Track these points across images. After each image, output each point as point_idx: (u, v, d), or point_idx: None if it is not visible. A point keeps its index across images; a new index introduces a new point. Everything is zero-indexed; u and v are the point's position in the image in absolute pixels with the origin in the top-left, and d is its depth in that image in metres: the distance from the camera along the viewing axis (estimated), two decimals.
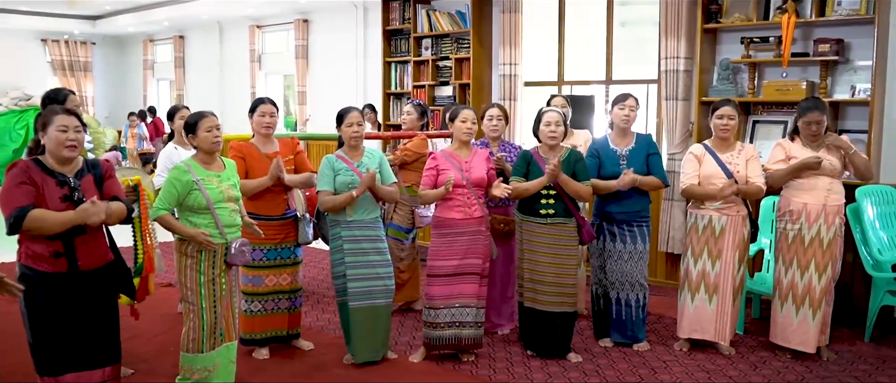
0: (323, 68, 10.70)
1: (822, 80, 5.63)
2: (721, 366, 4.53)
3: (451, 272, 4.47)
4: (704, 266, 4.70)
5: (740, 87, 6.02)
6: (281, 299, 4.60)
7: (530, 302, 4.62)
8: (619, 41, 7.09)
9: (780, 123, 5.84)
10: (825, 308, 4.61)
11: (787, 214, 4.65)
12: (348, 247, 4.37)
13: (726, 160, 4.65)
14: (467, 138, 4.53)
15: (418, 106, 5.83)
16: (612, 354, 4.73)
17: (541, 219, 4.54)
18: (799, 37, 5.75)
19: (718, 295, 4.68)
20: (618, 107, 4.78)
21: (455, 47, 7.90)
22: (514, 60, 7.27)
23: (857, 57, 5.59)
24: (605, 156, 4.76)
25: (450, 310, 4.48)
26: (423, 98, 8.05)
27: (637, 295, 4.76)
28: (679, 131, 6.14)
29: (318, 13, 10.72)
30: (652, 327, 5.25)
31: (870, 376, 4.41)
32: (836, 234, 4.56)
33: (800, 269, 4.60)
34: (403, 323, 5.38)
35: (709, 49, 6.13)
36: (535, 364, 4.54)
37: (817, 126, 4.52)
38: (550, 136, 4.56)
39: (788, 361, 4.63)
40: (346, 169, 4.37)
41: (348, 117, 4.44)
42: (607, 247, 4.77)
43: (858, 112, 5.49)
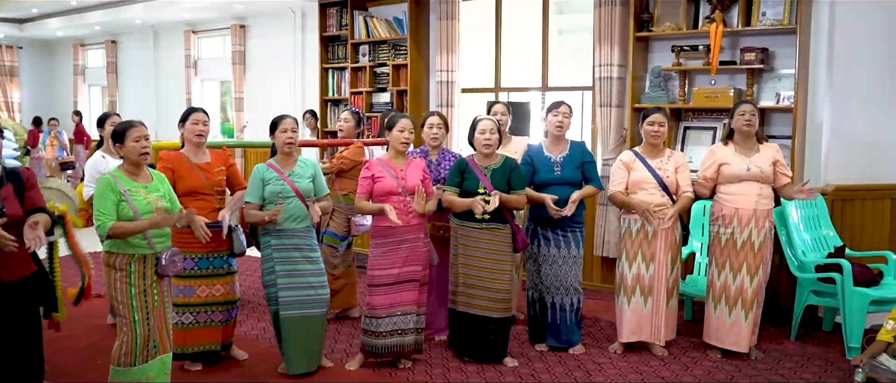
0: (260, 74, 10.57)
1: (748, 87, 5.80)
2: (654, 367, 4.62)
3: (391, 280, 4.45)
4: (639, 269, 4.78)
5: (671, 94, 6.16)
6: (214, 311, 4.49)
7: (464, 307, 4.64)
8: (556, 49, 7.19)
9: (710, 129, 5.99)
10: (756, 309, 4.74)
11: (719, 218, 4.77)
12: (278, 255, 4.31)
13: (656, 166, 4.75)
14: (403, 148, 4.53)
15: (355, 113, 5.80)
16: (548, 358, 4.78)
17: (476, 224, 4.56)
18: (727, 45, 5.91)
19: (653, 297, 4.77)
20: (551, 115, 4.85)
21: (392, 54, 7.90)
22: (452, 67, 7.31)
23: (782, 65, 5.77)
24: (539, 163, 4.81)
25: (392, 319, 4.46)
26: (361, 104, 8.02)
27: (572, 299, 4.82)
28: (613, 137, 6.25)
29: (255, 19, 10.59)
30: (587, 330, 5.32)
31: (795, 373, 4.55)
32: (766, 238, 4.70)
33: (732, 272, 4.73)
34: (339, 330, 5.34)
35: (641, 57, 6.26)
36: (472, 369, 4.56)
37: (751, 117, 4.66)
38: (485, 144, 4.59)
39: (719, 361, 4.75)
40: (276, 178, 4.31)
41: (282, 124, 4.38)
42: (542, 252, 4.82)
43: (783, 118, 5.67)
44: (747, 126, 4.68)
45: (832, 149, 5.63)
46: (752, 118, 4.67)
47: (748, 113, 4.68)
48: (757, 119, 4.71)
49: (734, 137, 4.78)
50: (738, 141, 4.75)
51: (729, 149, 4.77)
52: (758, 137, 4.77)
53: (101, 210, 3.60)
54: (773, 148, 4.77)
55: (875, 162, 5.76)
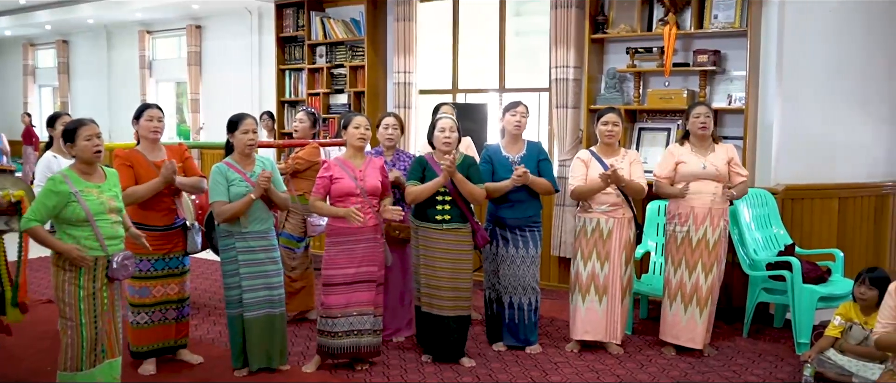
0: (217, 75, 10.44)
1: (701, 88, 5.90)
2: (609, 366, 4.66)
3: (347, 280, 4.43)
4: (593, 268, 4.82)
5: (626, 96, 6.24)
6: (168, 309, 4.46)
7: (427, 308, 4.64)
8: (513, 51, 7.22)
9: (664, 130, 6.07)
10: (711, 306, 4.82)
11: (675, 217, 4.83)
12: (243, 258, 4.27)
13: (611, 164, 4.80)
14: (361, 145, 4.51)
15: (310, 114, 5.76)
16: (505, 358, 4.79)
17: (437, 224, 4.56)
18: (680, 48, 6.00)
19: (608, 296, 4.82)
20: (509, 114, 4.87)
21: (349, 55, 7.87)
22: (409, 68, 7.30)
23: (733, 67, 5.88)
24: (497, 163, 4.83)
25: (347, 319, 4.44)
26: (318, 106, 7.97)
27: (529, 298, 4.85)
28: (569, 138, 6.30)
29: (211, 19, 10.46)
30: (544, 330, 5.36)
31: (747, 369, 4.63)
32: (721, 236, 4.77)
33: (688, 269, 4.79)
34: (297, 332, 5.30)
35: (596, 59, 6.32)
36: (430, 370, 4.56)
37: (706, 119, 4.73)
38: (445, 143, 4.60)
39: (673, 358, 4.81)
40: (239, 179, 4.26)
41: (243, 124, 4.33)
42: (500, 252, 4.84)
43: (735, 119, 5.77)
44: (702, 128, 4.76)
45: (782, 149, 5.75)
46: (706, 120, 4.75)
47: (703, 114, 4.75)
48: (711, 120, 4.78)
49: (690, 138, 4.85)
50: (694, 142, 4.83)
51: (685, 148, 4.84)
52: (713, 138, 4.85)
53: (35, 208, 3.56)
54: (728, 148, 4.85)
55: (823, 162, 5.91)
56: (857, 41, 6.01)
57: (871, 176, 6.15)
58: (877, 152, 6.23)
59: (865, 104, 6.13)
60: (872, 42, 6.11)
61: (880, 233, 6.23)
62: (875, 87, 6.17)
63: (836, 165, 5.96)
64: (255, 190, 4.22)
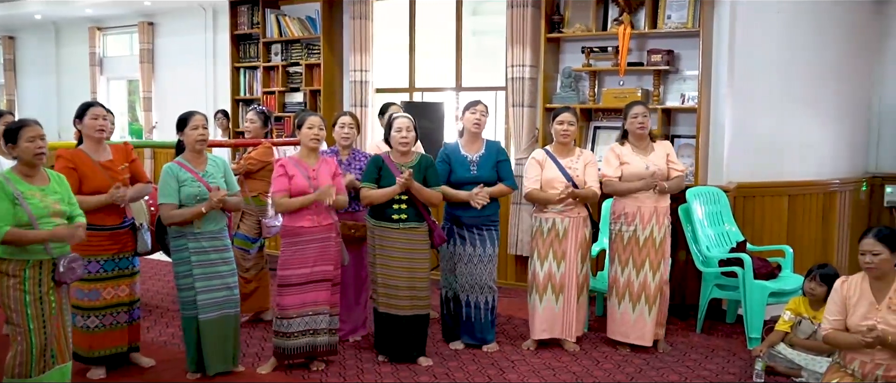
0: (170, 73, 10.26)
1: (655, 88, 5.97)
2: (565, 363, 4.70)
3: (302, 280, 4.39)
4: (550, 267, 4.85)
5: (582, 95, 6.28)
6: (119, 312, 4.36)
7: (385, 308, 4.61)
8: (470, 50, 7.23)
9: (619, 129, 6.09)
10: (661, 303, 4.88)
11: (622, 217, 4.88)
12: (196, 258, 4.20)
13: (566, 165, 4.83)
14: (315, 145, 4.47)
15: (261, 113, 5.69)
16: (462, 356, 4.80)
17: (394, 224, 4.55)
18: (634, 47, 6.06)
19: (564, 294, 4.85)
20: (469, 113, 4.87)
21: (305, 53, 7.80)
22: (365, 67, 7.26)
23: (686, 66, 5.95)
24: (455, 162, 4.83)
25: (303, 319, 4.40)
26: (273, 104, 7.89)
27: (486, 297, 4.85)
28: (525, 137, 6.33)
29: (164, 16, 10.27)
30: (501, 328, 5.37)
31: (700, 364, 4.70)
32: (667, 234, 4.84)
33: (635, 268, 4.85)
34: (252, 333, 5.24)
35: (552, 58, 6.36)
36: (386, 369, 4.54)
37: (644, 118, 4.78)
38: (401, 142, 4.58)
39: (628, 354, 4.87)
40: (191, 179, 4.19)
41: (192, 120, 4.26)
42: (457, 251, 4.84)
43: (688, 118, 5.86)
44: (640, 128, 4.82)
45: (734, 148, 5.84)
46: (644, 119, 4.81)
47: (640, 114, 4.81)
48: (649, 120, 4.84)
49: (629, 138, 4.91)
50: (633, 141, 4.88)
51: (626, 148, 4.90)
52: (651, 136, 4.91)
53: None
54: (665, 145, 4.94)
55: (774, 160, 6.02)
56: (805, 42, 6.13)
57: (819, 174, 6.28)
58: (824, 151, 6.37)
59: (814, 104, 6.26)
60: (820, 43, 6.25)
61: (828, 229, 6.37)
62: (823, 87, 6.31)
63: (786, 164, 6.08)
64: (207, 205, 4.14)
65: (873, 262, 3.61)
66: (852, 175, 6.75)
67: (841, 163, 6.58)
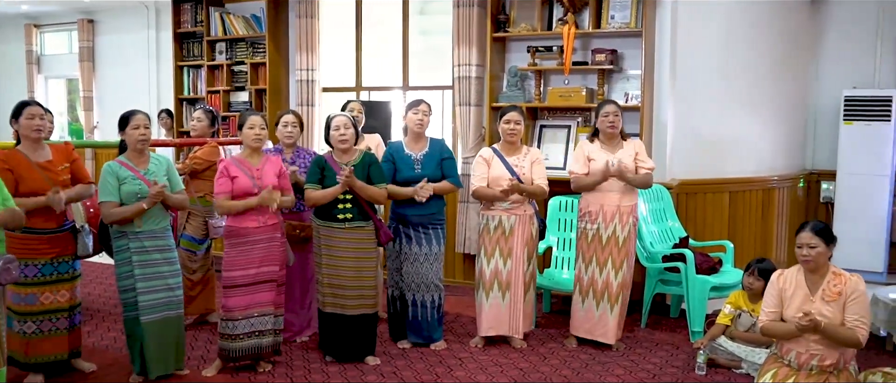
0: (112, 72, 10.03)
1: (599, 87, 6.06)
2: (513, 359, 4.74)
3: (247, 282, 4.35)
4: (497, 264, 4.89)
5: (528, 94, 6.34)
6: (59, 318, 4.23)
7: (332, 308, 4.60)
8: (417, 49, 7.24)
9: (564, 127, 6.21)
10: (622, 302, 4.94)
11: (586, 215, 4.93)
12: (137, 258, 4.12)
13: (513, 163, 4.87)
14: (257, 145, 4.43)
15: (208, 112, 5.62)
16: (410, 355, 4.81)
17: (339, 223, 4.53)
18: (579, 47, 6.14)
19: (511, 291, 4.89)
20: (412, 113, 4.88)
21: (250, 52, 7.72)
22: (312, 66, 7.21)
23: (630, 66, 6.05)
24: (399, 161, 4.83)
25: (249, 321, 4.37)
26: (219, 104, 7.79)
27: (433, 296, 4.87)
28: (472, 136, 6.36)
29: (105, 13, 10.05)
30: (449, 326, 5.40)
31: (644, 358, 4.79)
32: (631, 233, 4.89)
33: (599, 266, 4.90)
34: (197, 336, 5.17)
35: (498, 57, 6.40)
36: (333, 369, 4.53)
37: (614, 117, 4.84)
38: (340, 141, 4.57)
39: (574, 349, 4.93)
40: (131, 177, 4.12)
41: (134, 119, 4.18)
42: (404, 250, 4.85)
43: (631, 117, 5.93)
44: (610, 128, 4.87)
45: (676, 146, 5.96)
46: (614, 119, 4.86)
47: (611, 113, 4.87)
48: (619, 119, 4.89)
49: (599, 136, 4.97)
50: (603, 139, 4.94)
51: (595, 146, 4.95)
52: (622, 135, 4.98)
53: None
54: (635, 143, 4.98)
55: (715, 158, 6.17)
56: (743, 42, 6.30)
57: (758, 171, 6.46)
58: (763, 148, 6.55)
59: (753, 103, 6.44)
60: (758, 44, 6.42)
61: (767, 224, 6.56)
62: (761, 86, 6.49)
63: (727, 161, 6.24)
64: (147, 200, 4.07)
65: (810, 255, 3.73)
66: (790, 172, 6.97)
67: (779, 160, 6.78)
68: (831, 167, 7.13)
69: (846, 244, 6.48)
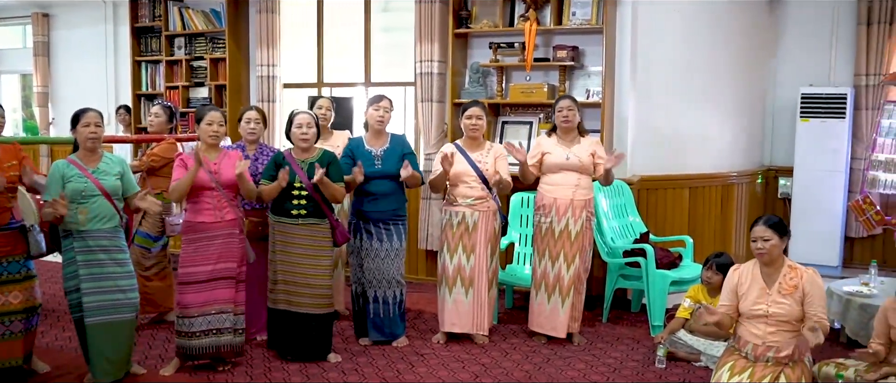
0: (67, 67, 9.85)
1: (561, 83, 6.09)
2: (475, 355, 4.75)
3: (204, 278, 4.30)
4: (460, 260, 4.89)
5: (490, 90, 6.36)
6: (13, 321, 4.09)
7: (284, 305, 4.56)
8: (380, 45, 7.21)
9: (526, 123, 6.23)
10: (575, 296, 4.97)
11: (541, 208, 4.97)
12: (82, 258, 4.03)
13: (476, 159, 4.88)
14: (213, 142, 4.38)
15: (166, 108, 5.54)
16: (371, 352, 4.79)
17: (293, 219, 4.50)
18: (541, 43, 6.17)
19: (474, 287, 4.90)
20: (372, 109, 4.86)
21: (210, 47, 7.63)
22: (273, 62, 7.15)
23: (591, 62, 6.10)
24: (359, 156, 4.81)
25: (205, 318, 4.31)
26: (177, 99, 7.69)
27: (394, 292, 4.86)
28: (435, 132, 6.36)
29: (60, 7, 9.85)
30: (412, 323, 5.39)
31: (605, 352, 4.83)
32: (585, 227, 4.92)
33: (551, 260, 4.93)
34: (155, 335, 5.10)
35: (460, 53, 6.41)
36: (294, 367, 4.49)
37: (568, 112, 4.88)
38: (302, 139, 4.53)
39: (537, 345, 4.96)
40: (78, 175, 4.03)
41: (85, 117, 4.10)
42: (364, 246, 4.83)
43: (592, 113, 5.98)
44: (565, 122, 4.90)
45: (637, 142, 6.02)
46: (569, 113, 4.89)
47: (565, 108, 4.90)
48: (574, 113, 4.92)
49: (557, 131, 5.00)
50: (560, 134, 4.97)
51: (552, 140, 4.98)
52: (580, 131, 5.01)
53: None
54: (593, 140, 5.02)
55: (675, 154, 6.24)
56: (703, 40, 6.38)
57: (717, 167, 6.55)
58: (722, 144, 6.64)
59: (712, 100, 6.53)
60: (718, 41, 6.51)
61: (726, 220, 6.65)
62: (720, 83, 6.58)
63: (687, 157, 6.32)
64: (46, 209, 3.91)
65: (764, 248, 3.80)
66: (748, 168, 7.08)
67: (738, 156, 6.88)
68: (789, 163, 7.26)
69: (802, 239, 6.65)
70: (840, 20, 7.11)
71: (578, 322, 5.07)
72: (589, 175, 4.94)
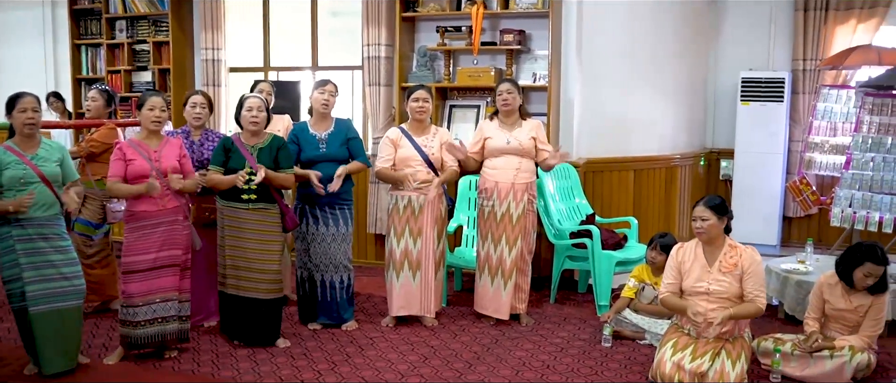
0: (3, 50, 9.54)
1: (508, 67, 6.11)
2: (424, 337, 4.76)
3: (148, 266, 4.22)
4: (407, 244, 4.89)
5: (437, 74, 6.35)
6: None
7: (234, 290, 4.51)
8: (327, 28, 7.14)
9: (474, 107, 6.24)
10: (520, 278, 5.01)
11: (483, 192, 4.99)
12: (21, 247, 3.90)
13: (422, 143, 4.88)
14: (155, 128, 4.28)
15: (104, 91, 5.39)
16: (321, 336, 4.77)
17: (243, 204, 4.44)
18: (488, 27, 6.17)
19: (421, 270, 4.91)
20: (318, 92, 4.82)
21: (153, 30, 7.46)
22: (218, 45, 7.02)
23: (537, 46, 6.13)
24: (304, 142, 4.77)
25: (150, 307, 4.24)
26: (119, 84, 7.51)
27: (342, 276, 4.84)
28: (382, 116, 6.33)
29: None
30: (361, 307, 5.38)
31: (553, 333, 4.89)
32: (526, 210, 4.96)
33: (494, 243, 4.96)
34: (98, 324, 5.00)
35: (408, 37, 6.38)
36: (242, 353, 4.45)
37: (508, 95, 4.89)
38: (252, 122, 4.47)
39: (485, 326, 4.99)
40: (16, 161, 3.90)
41: (21, 102, 3.97)
42: (311, 231, 4.80)
43: (539, 96, 6.03)
44: (505, 106, 4.93)
45: (583, 125, 6.08)
46: (508, 96, 4.91)
47: (505, 92, 4.92)
48: (514, 96, 4.94)
49: (498, 114, 5.02)
50: (501, 117, 4.99)
51: (493, 124, 5.00)
52: (522, 114, 5.03)
53: None
54: (533, 123, 5.05)
55: (620, 137, 6.32)
56: (647, 25, 6.46)
57: (661, 149, 6.66)
58: (666, 128, 6.75)
59: (656, 84, 6.62)
60: (661, 26, 6.60)
61: (670, 201, 6.77)
62: (663, 67, 6.67)
63: (632, 140, 6.40)
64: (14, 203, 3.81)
65: (702, 228, 3.89)
66: (691, 150, 7.21)
67: (681, 139, 7.00)
68: (730, 146, 7.42)
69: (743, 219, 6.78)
70: (778, 6, 7.28)
71: (526, 303, 5.12)
72: (531, 158, 4.96)
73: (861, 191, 6.37)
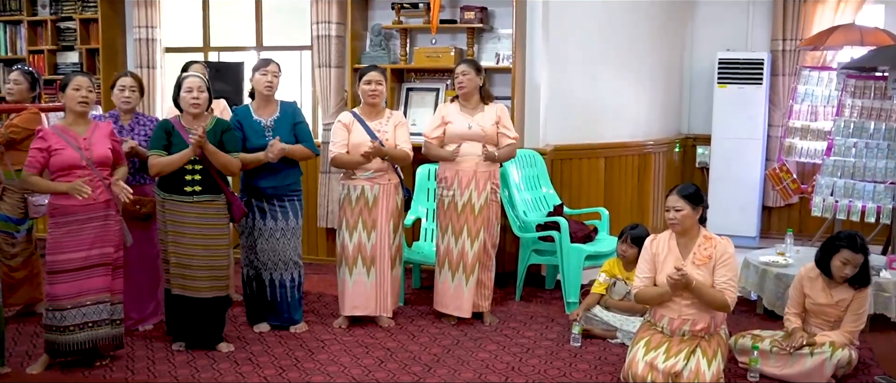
0: None
1: (469, 47, 6.11)
2: (380, 339, 4.76)
3: (77, 266, 4.14)
4: (360, 238, 4.87)
5: (393, 54, 6.32)
6: None
7: (179, 290, 4.46)
8: (272, 5, 7.07)
9: (433, 90, 6.23)
10: (483, 273, 5.03)
11: (443, 180, 4.99)
12: None
13: (375, 128, 4.86)
14: (82, 110, 4.19)
15: (28, 73, 5.28)
16: (268, 339, 4.74)
17: (186, 196, 4.39)
18: (447, 4, 6.16)
19: (376, 267, 4.89)
20: (260, 74, 4.77)
21: (79, 6, 7.31)
22: (152, 23, 6.91)
23: (501, 25, 6.14)
24: (248, 128, 4.72)
25: (80, 310, 4.16)
26: (43, 65, 7.36)
27: (292, 274, 4.82)
28: (334, 99, 6.30)
29: None
30: (312, 307, 5.36)
31: (518, 332, 4.91)
32: (490, 200, 4.97)
33: (454, 235, 4.97)
34: (21, 329, 4.90)
35: (360, 15, 6.34)
36: (181, 359, 4.40)
37: (463, 77, 4.89)
38: (192, 104, 4.41)
39: (445, 326, 5.00)
40: None
41: None
42: (257, 225, 4.76)
43: (503, 78, 6.04)
44: (460, 88, 4.93)
45: (550, 109, 6.11)
46: (463, 78, 4.91)
47: (461, 74, 4.92)
48: (470, 78, 4.92)
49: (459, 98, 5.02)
50: (461, 101, 4.99)
51: (454, 107, 4.99)
52: (484, 97, 5.03)
53: None
54: (497, 107, 5.04)
55: (590, 123, 6.37)
56: (621, 6, 6.50)
57: (633, 136, 6.72)
58: (638, 112, 6.82)
59: (628, 67, 6.68)
60: (634, 7, 6.65)
61: (643, 190, 6.85)
62: (637, 50, 6.74)
63: (602, 126, 6.46)
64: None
65: (676, 218, 3.93)
66: (666, 136, 7.30)
67: (655, 125, 7.08)
68: (706, 131, 7.53)
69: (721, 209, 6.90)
70: None
71: (489, 301, 5.14)
72: (494, 145, 4.97)
73: (843, 179, 6.49)
